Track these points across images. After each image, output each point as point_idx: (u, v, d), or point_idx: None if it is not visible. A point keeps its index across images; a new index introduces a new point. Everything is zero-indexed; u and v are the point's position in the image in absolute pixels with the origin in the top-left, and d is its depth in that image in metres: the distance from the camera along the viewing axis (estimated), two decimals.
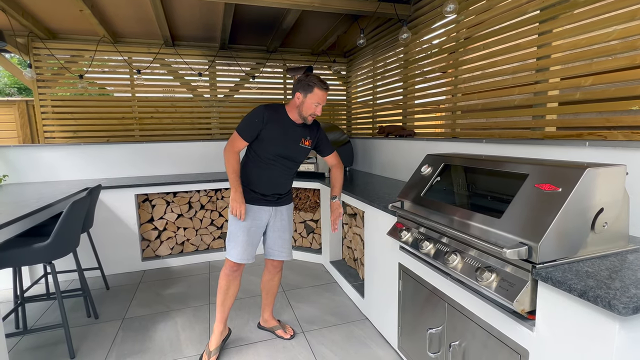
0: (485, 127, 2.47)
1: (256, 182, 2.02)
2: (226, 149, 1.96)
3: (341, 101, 5.06)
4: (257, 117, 1.93)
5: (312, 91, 1.91)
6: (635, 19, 1.56)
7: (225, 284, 2.08)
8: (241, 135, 1.95)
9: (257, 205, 2.04)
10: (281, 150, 2.00)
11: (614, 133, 1.65)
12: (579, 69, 1.81)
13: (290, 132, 2.00)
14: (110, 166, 3.87)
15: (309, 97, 1.91)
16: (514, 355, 1.25)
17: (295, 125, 2.01)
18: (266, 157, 1.99)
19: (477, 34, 2.46)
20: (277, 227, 2.14)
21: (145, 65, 4.06)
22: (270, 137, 1.96)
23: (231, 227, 2.03)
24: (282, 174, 2.06)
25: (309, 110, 1.94)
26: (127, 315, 2.61)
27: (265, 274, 2.30)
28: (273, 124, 1.95)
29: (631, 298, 0.90)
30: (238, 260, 2.01)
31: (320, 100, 1.93)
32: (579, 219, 1.17)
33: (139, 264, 3.47)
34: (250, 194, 2.03)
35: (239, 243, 2.01)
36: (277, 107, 2.00)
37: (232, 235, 2.03)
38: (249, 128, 1.94)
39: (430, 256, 1.58)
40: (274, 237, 2.15)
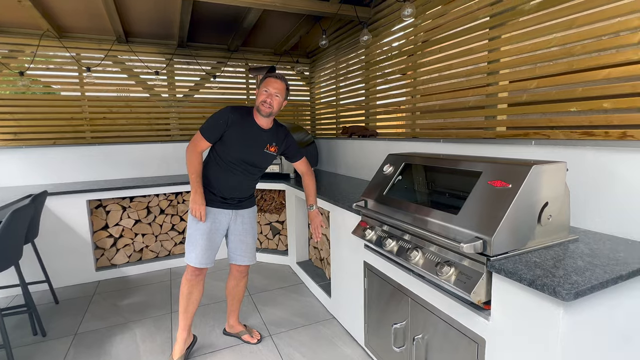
0: (442, 127, 2.58)
1: (216, 184, 1.98)
2: (188, 149, 1.91)
3: (305, 102, 5.06)
4: (222, 118, 1.88)
5: (263, 80, 1.92)
6: (571, 28, 1.70)
7: (187, 289, 2.02)
8: (204, 135, 1.90)
9: (216, 207, 1.99)
10: (244, 155, 1.96)
11: (556, 132, 1.78)
12: (525, 73, 1.94)
13: (255, 137, 1.96)
14: (58, 170, 3.60)
15: (261, 86, 1.91)
16: (472, 344, 1.31)
17: (261, 131, 1.97)
18: (228, 160, 1.95)
19: (434, 38, 2.56)
20: (238, 230, 2.09)
21: (96, 62, 3.81)
22: (234, 140, 1.92)
23: (190, 230, 1.97)
24: (244, 178, 2.02)
25: (259, 97, 1.90)
26: (80, 330, 2.43)
27: (230, 279, 2.25)
28: (238, 127, 1.91)
29: (573, 284, 0.98)
30: (197, 265, 1.96)
31: (270, 86, 1.88)
32: (527, 212, 1.25)
33: (92, 275, 3.25)
34: (210, 196, 1.98)
35: (198, 247, 1.95)
36: (244, 110, 1.95)
37: (191, 238, 1.97)
38: (213, 129, 1.90)
39: (393, 253, 1.62)
40: (235, 241, 2.11)
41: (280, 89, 1.90)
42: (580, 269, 1.09)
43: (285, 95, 1.94)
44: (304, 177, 2.20)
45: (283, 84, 1.91)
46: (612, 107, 1.55)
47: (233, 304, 2.28)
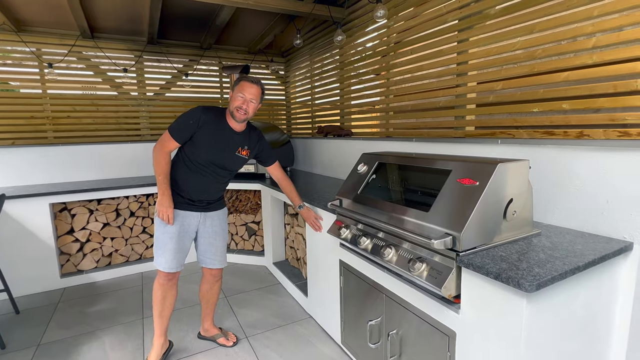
0: (415, 126, 2.64)
1: (184, 186, 1.91)
2: (156, 148, 1.84)
3: (280, 101, 5.04)
4: (192, 119, 1.82)
5: (237, 84, 1.86)
6: (533, 32, 1.78)
7: (161, 294, 1.96)
8: (173, 135, 1.83)
9: (184, 210, 1.93)
10: (214, 158, 1.90)
11: (520, 132, 1.87)
12: (491, 75, 2.02)
13: (227, 140, 1.91)
14: (18, 172, 3.39)
15: (235, 90, 1.86)
16: (444, 337, 1.35)
17: (233, 133, 1.93)
18: (197, 162, 1.89)
19: (406, 39, 2.61)
20: (207, 233, 2.04)
21: (59, 58, 3.62)
22: (204, 142, 1.86)
23: (157, 233, 1.91)
24: (213, 181, 1.97)
25: (234, 102, 1.84)
26: (43, 340, 2.31)
27: (203, 283, 2.20)
28: (209, 128, 1.85)
29: (535, 276, 1.03)
30: (167, 270, 1.91)
31: (244, 91, 1.83)
32: (494, 209, 1.30)
33: (57, 282, 3.09)
34: (177, 198, 1.91)
35: (167, 251, 1.89)
36: (217, 111, 1.90)
37: (159, 242, 1.91)
38: (183, 129, 1.83)
39: (368, 251, 1.65)
40: (204, 244, 2.05)
41: (256, 95, 1.86)
42: (542, 262, 1.14)
43: (260, 100, 1.90)
44: (281, 182, 2.17)
45: (259, 89, 1.87)
46: (570, 107, 1.64)
47: (207, 308, 2.23)
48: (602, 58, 1.51)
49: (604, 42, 1.51)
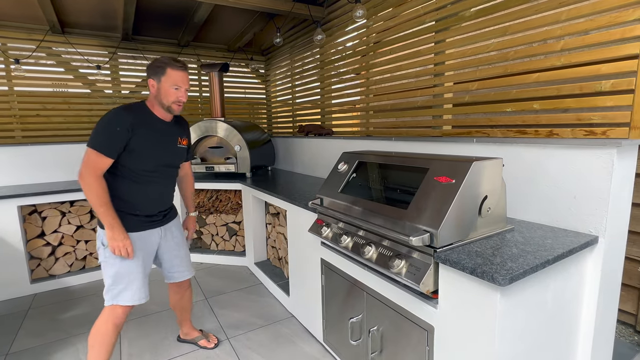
0: (394, 126, 2.68)
1: (136, 202, 1.69)
2: (83, 175, 1.52)
3: (261, 100, 5.00)
4: (119, 125, 1.55)
5: (164, 73, 1.64)
6: (506, 35, 1.84)
7: (115, 337, 1.69)
8: (103, 152, 1.53)
9: (144, 230, 1.73)
10: (161, 159, 1.72)
11: (495, 131, 1.93)
12: (467, 75, 2.08)
13: (165, 135, 1.73)
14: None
15: (163, 81, 1.64)
16: (422, 332, 1.38)
17: (166, 124, 1.74)
18: (143, 170, 1.67)
19: (385, 39, 2.65)
20: (170, 247, 1.88)
21: (26, 54, 3.46)
22: (144, 145, 1.64)
23: (114, 268, 1.65)
24: (165, 185, 1.80)
25: (170, 97, 1.66)
26: (12, 349, 2.21)
27: (171, 295, 2.07)
28: (143, 128, 1.62)
29: (508, 270, 1.07)
30: (136, 302, 1.69)
31: (179, 82, 1.65)
32: (469, 206, 1.34)
33: (26, 288, 2.96)
34: (132, 220, 1.68)
35: (134, 281, 1.68)
36: (139, 107, 1.68)
37: (121, 276, 1.66)
38: (112, 140, 1.55)
39: (348, 249, 1.66)
40: (169, 258, 1.90)
41: (188, 81, 1.71)
42: (514, 256, 1.19)
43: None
44: (187, 179, 2.05)
45: (188, 73, 1.71)
46: (541, 107, 1.71)
47: (182, 315, 2.16)
48: (570, 60, 1.58)
49: (571, 45, 1.57)
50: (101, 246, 1.67)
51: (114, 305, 1.67)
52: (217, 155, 3.62)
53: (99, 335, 1.67)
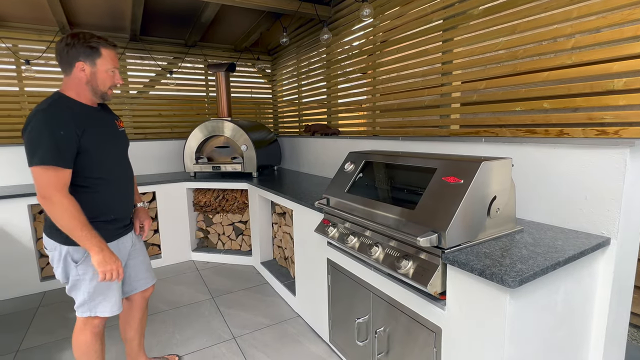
0: (401, 125, 2.66)
1: (109, 208, 1.52)
2: (48, 197, 1.31)
3: (267, 99, 5.00)
4: (60, 127, 1.33)
5: (99, 55, 1.43)
6: (515, 33, 1.82)
7: (99, 346, 1.60)
8: (57, 163, 1.31)
9: (119, 238, 1.60)
10: (116, 151, 1.55)
11: (503, 130, 1.91)
12: (475, 74, 2.06)
13: (103, 121, 1.54)
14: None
15: (99, 64, 1.44)
16: (430, 334, 1.37)
17: (98, 111, 1.53)
18: (105, 169, 1.49)
19: (392, 38, 2.63)
20: (137, 251, 1.73)
21: (37, 55, 3.50)
22: (96, 142, 1.44)
23: (94, 282, 1.49)
24: (128, 178, 1.64)
25: (107, 82, 1.48)
26: (23, 346, 2.24)
27: (133, 315, 1.79)
28: (85, 123, 1.41)
29: (517, 272, 1.06)
30: (114, 313, 1.57)
31: (115, 63, 1.49)
32: (478, 206, 1.32)
33: (37, 285, 3.00)
34: (109, 229, 1.53)
35: (112, 291, 1.55)
36: (63, 101, 1.43)
37: (99, 290, 1.52)
38: (61, 147, 1.32)
39: (355, 249, 1.65)
40: (135, 264, 1.72)
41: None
42: (524, 258, 1.17)
43: None
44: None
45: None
46: (551, 107, 1.68)
47: (140, 342, 1.88)
48: (581, 58, 1.56)
49: (582, 43, 1.55)
50: (71, 264, 1.47)
51: (94, 316, 1.55)
52: (224, 155, 3.63)
53: (82, 347, 1.57)
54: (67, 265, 1.48)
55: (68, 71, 1.44)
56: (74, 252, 1.47)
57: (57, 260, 1.49)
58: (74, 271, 1.49)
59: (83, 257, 1.47)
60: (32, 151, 1.31)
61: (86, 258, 1.47)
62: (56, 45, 1.44)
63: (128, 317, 1.80)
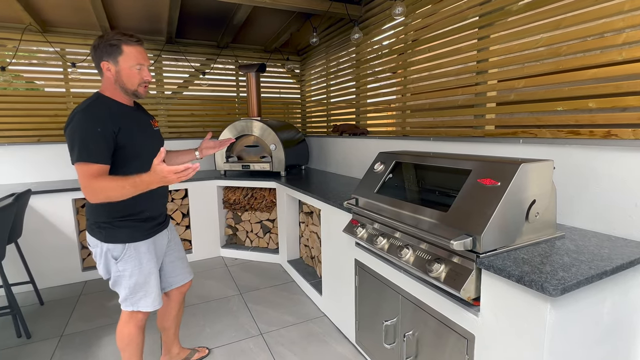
0: (432, 125, 2.60)
1: (144, 206, 1.56)
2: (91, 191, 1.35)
3: (295, 99, 5.05)
4: (98, 125, 1.37)
5: (121, 52, 1.42)
6: (559, 28, 1.73)
7: (142, 338, 1.69)
8: (95, 160, 1.35)
9: (155, 235, 1.65)
10: (151, 149, 1.54)
11: (543, 131, 1.81)
12: (513, 72, 1.97)
13: (139, 120, 1.58)
14: (42, 169, 3.51)
15: (121, 61, 1.43)
16: (462, 340, 1.33)
17: (134, 110, 1.57)
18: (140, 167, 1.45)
19: (424, 37, 2.57)
20: (173, 247, 1.80)
21: (81, 58, 3.72)
22: (132, 139, 1.48)
23: (132, 278, 1.57)
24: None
25: (134, 79, 1.47)
26: (66, 331, 2.39)
27: (171, 308, 1.88)
28: (122, 122, 1.45)
29: (559, 280, 1.00)
30: (155, 307, 1.64)
31: (140, 59, 1.46)
32: (515, 210, 1.27)
33: (79, 275, 3.19)
34: (144, 227, 1.58)
35: (151, 287, 1.62)
36: (101, 100, 1.47)
37: (139, 285, 1.59)
38: (99, 144, 1.37)
39: (384, 251, 1.63)
40: (171, 260, 1.79)
41: (148, 58, 1.54)
42: (566, 265, 1.11)
43: None
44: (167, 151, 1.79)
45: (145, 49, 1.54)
46: (597, 106, 1.58)
47: (175, 333, 1.98)
48: (632, 55, 1.45)
49: (634, 38, 1.44)
50: (111, 261, 1.54)
51: (137, 310, 1.62)
52: (253, 154, 3.70)
53: (125, 338, 1.65)
54: (107, 261, 1.55)
55: (100, 72, 1.49)
56: (114, 249, 1.53)
57: (99, 257, 1.56)
58: (114, 268, 1.56)
59: (122, 254, 1.54)
60: (72, 149, 1.37)
61: (125, 256, 1.55)
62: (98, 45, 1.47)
63: (165, 310, 1.88)
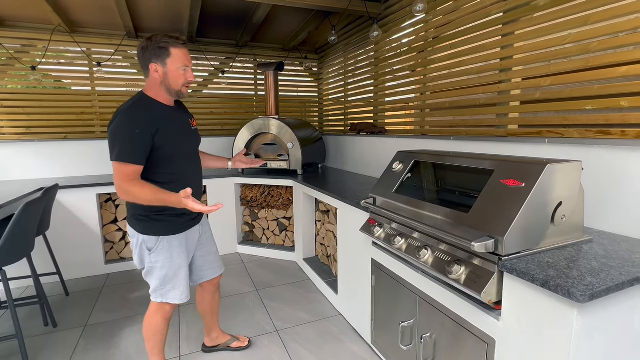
0: (452, 124, 2.55)
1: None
2: (123, 189, 1.43)
3: (313, 98, 5.05)
4: (137, 126, 1.44)
5: (169, 54, 1.50)
6: (588, 24, 1.66)
7: (166, 328, 1.77)
8: (130, 160, 1.42)
9: (188, 229, 1.71)
10: (187, 148, 1.65)
11: (570, 131, 1.75)
12: (538, 70, 1.91)
13: (179, 121, 1.64)
14: (69, 164, 3.64)
15: (169, 63, 1.51)
16: (481, 344, 1.30)
17: (174, 110, 1.63)
18: (177, 165, 1.60)
19: (445, 34, 2.52)
20: (205, 242, 1.86)
21: (106, 57, 3.84)
22: (169, 139, 1.53)
23: (163, 270, 1.63)
24: (198, 173, 1.74)
25: (179, 80, 1.54)
26: (90, 322, 2.47)
27: (204, 297, 1.99)
28: (161, 122, 1.51)
29: (587, 286, 0.96)
30: (183, 300, 1.71)
31: (186, 61, 1.53)
32: (540, 212, 1.23)
33: (101, 267, 3.30)
34: (178, 221, 1.64)
35: (181, 281, 1.69)
36: (144, 101, 1.54)
37: (169, 277, 1.65)
38: (136, 145, 1.43)
39: (402, 251, 1.61)
40: (202, 254, 1.86)
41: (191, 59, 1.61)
42: (595, 270, 1.07)
43: None
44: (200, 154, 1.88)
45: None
46: (629, 105, 1.51)
47: (213, 318, 2.08)
48: None
49: None
50: (145, 252, 1.62)
51: (165, 302, 1.69)
52: (270, 152, 3.72)
53: (152, 328, 1.74)
54: (142, 252, 1.63)
55: (146, 73, 1.55)
56: (148, 241, 1.61)
57: (135, 247, 1.65)
58: (147, 258, 1.63)
59: (155, 246, 1.62)
60: (112, 148, 1.45)
61: (158, 248, 1.62)
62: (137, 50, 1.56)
63: (201, 298, 2.01)
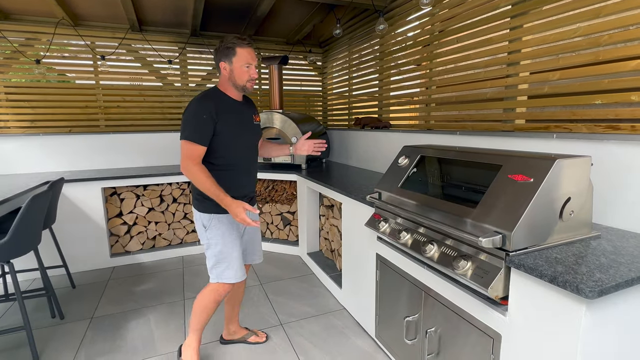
0: (458, 119, 2.53)
1: (234, 186, 1.74)
2: (185, 167, 1.63)
3: (317, 92, 5.02)
4: (204, 113, 1.63)
5: (235, 53, 1.68)
6: (598, 17, 1.63)
7: (213, 309, 1.85)
8: (196, 140, 1.63)
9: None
10: (245, 138, 1.80)
11: (579, 126, 1.73)
12: (547, 64, 1.88)
13: (242, 114, 1.80)
14: (74, 158, 3.66)
15: (234, 61, 1.69)
16: (487, 339, 1.30)
17: (240, 104, 1.81)
18: (235, 153, 1.76)
19: (451, 28, 2.49)
20: (249, 229, 1.97)
21: (110, 51, 3.82)
22: (229, 128, 1.71)
23: (217, 247, 1.76)
24: (253, 164, 1.89)
25: (243, 76, 1.71)
26: (96, 314, 2.50)
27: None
28: (224, 112, 1.70)
29: (596, 282, 0.96)
30: (238, 279, 1.80)
31: (249, 60, 1.69)
32: (549, 208, 1.22)
33: (107, 261, 3.32)
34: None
35: (235, 260, 1.78)
36: (214, 93, 1.75)
37: (223, 255, 1.76)
38: (202, 128, 1.63)
39: (407, 246, 1.61)
40: (247, 240, 1.97)
41: (256, 57, 1.74)
42: (603, 266, 1.06)
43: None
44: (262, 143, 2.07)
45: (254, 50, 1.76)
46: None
47: (235, 310, 2.14)
48: None
49: None
50: (202, 228, 1.77)
51: (219, 282, 1.79)
52: None
53: (202, 306, 1.83)
54: (200, 228, 1.79)
55: (218, 70, 1.75)
56: (204, 218, 1.76)
57: (197, 223, 1.81)
58: (204, 235, 1.78)
59: (209, 223, 1.76)
60: (183, 128, 1.65)
61: (211, 225, 1.76)
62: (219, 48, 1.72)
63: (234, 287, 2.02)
